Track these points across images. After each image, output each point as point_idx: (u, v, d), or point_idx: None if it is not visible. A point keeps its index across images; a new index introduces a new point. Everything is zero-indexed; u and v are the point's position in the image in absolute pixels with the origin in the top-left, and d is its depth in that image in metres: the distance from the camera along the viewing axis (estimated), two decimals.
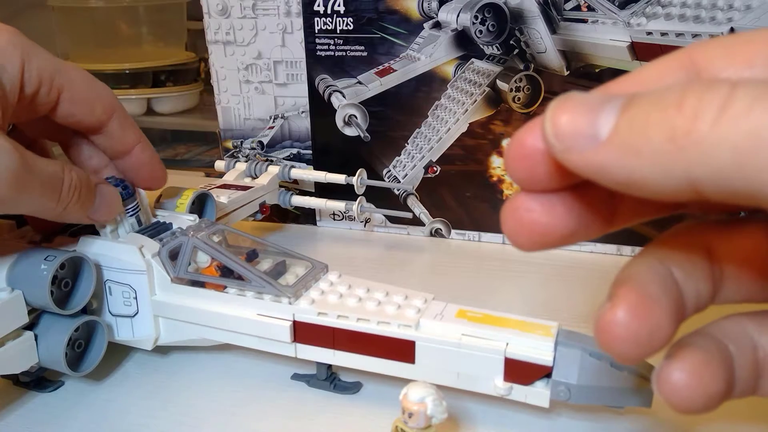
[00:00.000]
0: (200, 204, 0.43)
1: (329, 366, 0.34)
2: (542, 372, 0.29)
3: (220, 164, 0.56)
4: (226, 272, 0.35)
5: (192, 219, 0.38)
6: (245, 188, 0.51)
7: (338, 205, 0.52)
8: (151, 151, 0.37)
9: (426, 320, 0.31)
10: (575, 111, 0.16)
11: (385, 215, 0.56)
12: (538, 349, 0.29)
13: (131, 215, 0.36)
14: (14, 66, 0.30)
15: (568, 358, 0.28)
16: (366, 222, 0.58)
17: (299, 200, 0.54)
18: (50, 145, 0.37)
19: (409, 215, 0.55)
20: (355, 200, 0.52)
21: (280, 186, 0.55)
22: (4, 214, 0.38)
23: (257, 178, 0.54)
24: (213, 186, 0.51)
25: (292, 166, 0.54)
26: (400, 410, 0.27)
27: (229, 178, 0.54)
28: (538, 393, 0.29)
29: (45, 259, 0.31)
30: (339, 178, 0.52)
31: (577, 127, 0.16)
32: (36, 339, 0.32)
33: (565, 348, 0.28)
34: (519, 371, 0.29)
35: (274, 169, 0.54)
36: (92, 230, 0.36)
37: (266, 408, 0.33)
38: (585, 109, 0.16)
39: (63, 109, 0.33)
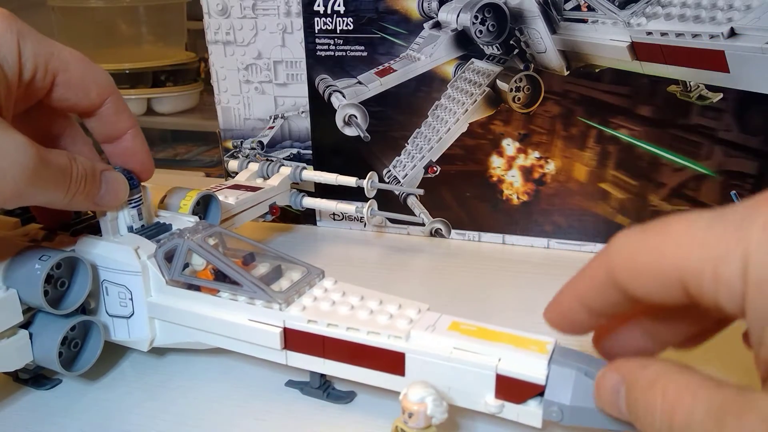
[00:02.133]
0: (205, 205, 0.43)
1: (323, 374, 0.33)
2: (534, 390, 0.27)
3: (233, 164, 0.56)
4: (220, 276, 0.34)
5: (192, 220, 0.38)
6: (255, 189, 0.50)
7: (349, 207, 0.52)
8: (141, 139, 0.36)
9: (417, 332, 0.30)
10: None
11: (390, 219, 0.56)
12: (530, 367, 0.27)
13: (133, 207, 0.35)
14: (13, 54, 0.29)
15: (561, 378, 0.27)
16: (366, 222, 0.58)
17: (311, 202, 0.54)
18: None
19: (420, 220, 0.55)
20: (359, 200, 0.51)
21: (292, 187, 0.55)
22: (10, 210, 0.38)
23: (269, 179, 0.53)
24: (223, 186, 0.50)
25: (304, 168, 0.54)
26: (401, 410, 0.27)
27: (241, 178, 0.54)
28: (531, 412, 0.28)
29: (39, 259, 0.31)
30: (350, 181, 0.51)
31: (609, 400, 0.24)
32: (31, 337, 0.32)
33: (559, 366, 0.27)
34: (510, 389, 0.28)
35: (286, 170, 0.53)
36: (93, 229, 0.36)
37: (260, 415, 0.33)
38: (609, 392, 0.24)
39: (58, 93, 0.32)
